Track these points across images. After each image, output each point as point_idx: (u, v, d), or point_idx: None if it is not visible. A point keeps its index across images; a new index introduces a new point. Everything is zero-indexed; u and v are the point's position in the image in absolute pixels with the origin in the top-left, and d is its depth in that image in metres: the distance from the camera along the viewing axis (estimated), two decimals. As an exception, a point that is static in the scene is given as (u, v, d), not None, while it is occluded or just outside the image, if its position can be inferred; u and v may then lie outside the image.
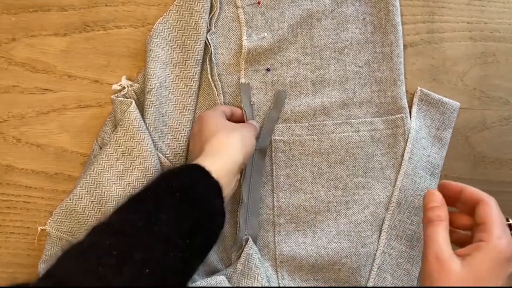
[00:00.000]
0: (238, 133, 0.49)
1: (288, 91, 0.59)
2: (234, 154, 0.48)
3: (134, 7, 0.59)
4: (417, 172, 0.58)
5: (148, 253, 0.39)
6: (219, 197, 0.45)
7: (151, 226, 0.40)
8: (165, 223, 0.41)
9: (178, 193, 0.43)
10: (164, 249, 0.40)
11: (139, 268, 0.38)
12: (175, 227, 0.41)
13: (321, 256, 0.57)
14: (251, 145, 0.51)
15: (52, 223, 0.55)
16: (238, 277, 0.55)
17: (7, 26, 0.59)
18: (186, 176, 0.44)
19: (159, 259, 0.39)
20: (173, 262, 0.40)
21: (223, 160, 0.47)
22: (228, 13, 0.59)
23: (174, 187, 0.43)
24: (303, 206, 0.58)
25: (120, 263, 0.37)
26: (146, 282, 0.38)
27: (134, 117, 0.55)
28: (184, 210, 0.42)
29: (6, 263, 0.58)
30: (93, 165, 0.55)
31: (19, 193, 0.58)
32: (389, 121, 0.59)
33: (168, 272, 0.40)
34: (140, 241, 0.39)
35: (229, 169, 0.47)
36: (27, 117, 0.59)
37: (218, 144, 0.48)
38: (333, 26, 0.59)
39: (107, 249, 0.38)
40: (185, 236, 0.41)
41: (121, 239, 0.39)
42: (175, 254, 0.40)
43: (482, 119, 0.61)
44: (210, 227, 0.44)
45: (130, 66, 0.59)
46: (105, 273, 0.36)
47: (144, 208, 0.42)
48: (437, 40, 0.61)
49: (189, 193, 0.43)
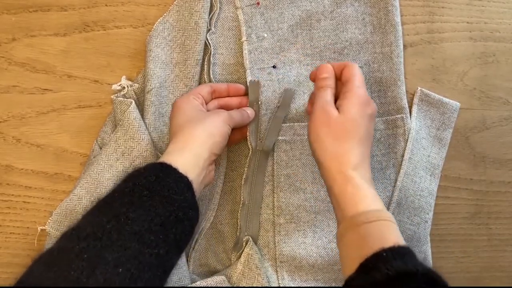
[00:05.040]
0: (202, 126, 0.49)
1: (293, 90, 0.58)
2: (198, 148, 0.48)
3: (134, 7, 0.59)
4: (417, 172, 0.58)
5: (120, 253, 0.39)
6: (189, 191, 0.45)
7: (121, 226, 0.40)
8: (136, 221, 0.41)
9: (146, 191, 0.43)
10: (137, 247, 0.40)
11: (112, 268, 0.38)
12: (146, 225, 0.41)
13: (321, 256, 0.57)
14: (219, 134, 0.50)
15: (52, 223, 0.55)
16: (238, 277, 0.55)
17: (7, 26, 0.59)
18: (153, 174, 0.44)
19: (133, 257, 0.39)
20: (148, 259, 0.40)
21: (188, 155, 0.47)
22: (228, 13, 0.59)
23: (141, 185, 0.43)
24: (303, 206, 0.58)
25: (92, 265, 0.37)
26: (121, 282, 0.38)
27: (134, 117, 0.55)
28: (154, 207, 0.42)
29: (6, 263, 0.58)
30: (93, 165, 0.55)
31: (18, 193, 0.58)
32: (389, 121, 0.59)
33: (143, 269, 0.40)
34: (111, 242, 0.39)
35: (194, 163, 0.47)
36: (27, 117, 0.59)
37: (183, 139, 0.48)
38: (332, 26, 0.59)
39: (77, 253, 0.38)
40: (157, 232, 0.41)
41: (92, 243, 0.39)
42: (149, 251, 0.40)
43: (482, 119, 0.61)
44: (183, 221, 0.44)
45: (130, 66, 0.59)
46: (77, 277, 0.36)
47: (113, 209, 0.42)
48: (437, 40, 0.61)
49: (157, 189, 0.43)
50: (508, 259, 0.62)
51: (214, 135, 0.49)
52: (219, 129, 0.50)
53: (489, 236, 0.62)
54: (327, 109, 0.48)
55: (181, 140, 0.48)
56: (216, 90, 0.56)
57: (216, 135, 0.50)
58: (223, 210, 0.59)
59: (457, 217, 0.61)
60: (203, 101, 0.54)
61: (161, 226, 0.42)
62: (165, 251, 0.42)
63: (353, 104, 0.48)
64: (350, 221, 0.43)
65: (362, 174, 0.46)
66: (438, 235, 0.60)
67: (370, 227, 0.42)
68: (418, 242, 0.57)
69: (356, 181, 0.45)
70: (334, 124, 0.47)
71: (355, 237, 0.42)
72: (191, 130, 0.49)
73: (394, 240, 0.41)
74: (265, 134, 0.57)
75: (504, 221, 0.62)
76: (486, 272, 0.61)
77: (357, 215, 0.43)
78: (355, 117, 0.47)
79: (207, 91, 0.55)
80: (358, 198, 0.44)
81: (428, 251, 0.59)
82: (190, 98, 0.53)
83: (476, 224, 0.61)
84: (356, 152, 0.46)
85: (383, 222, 0.42)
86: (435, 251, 0.59)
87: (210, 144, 0.49)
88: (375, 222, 0.42)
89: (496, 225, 0.62)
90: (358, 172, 0.45)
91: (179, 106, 0.52)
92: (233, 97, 0.57)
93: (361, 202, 0.44)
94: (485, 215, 0.61)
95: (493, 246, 0.62)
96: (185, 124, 0.50)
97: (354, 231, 0.42)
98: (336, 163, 0.46)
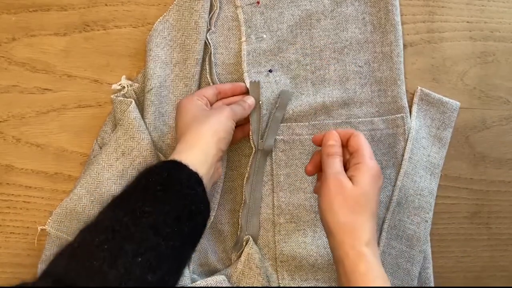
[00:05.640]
0: (207, 124, 0.50)
1: (290, 92, 0.59)
2: (205, 145, 0.49)
3: (134, 7, 0.59)
4: (417, 172, 0.58)
5: (138, 244, 0.40)
6: (200, 186, 0.46)
7: (138, 219, 0.41)
8: (151, 215, 0.42)
9: (159, 186, 0.44)
10: (154, 239, 0.41)
11: (131, 258, 0.39)
12: (161, 218, 0.42)
13: (321, 255, 0.57)
14: (224, 130, 0.51)
15: (52, 223, 0.55)
16: (238, 276, 0.55)
17: (7, 26, 0.59)
18: (165, 170, 0.46)
19: (150, 248, 0.40)
20: (165, 251, 0.41)
21: (197, 152, 0.48)
22: (228, 12, 0.59)
23: (154, 181, 0.45)
24: (303, 206, 0.58)
25: (113, 255, 0.39)
26: (141, 271, 0.39)
27: (134, 117, 0.55)
28: (168, 201, 0.43)
29: (6, 263, 0.58)
30: (93, 165, 0.55)
31: (19, 193, 0.58)
32: (389, 120, 0.59)
33: (161, 259, 0.41)
34: (129, 234, 0.40)
35: (203, 160, 0.48)
36: (27, 117, 0.59)
37: (190, 138, 0.49)
38: (332, 26, 0.59)
39: (98, 245, 0.39)
40: (172, 225, 0.43)
41: (111, 235, 0.40)
42: (165, 243, 0.42)
43: (482, 119, 0.61)
44: (196, 215, 0.45)
45: (130, 66, 0.59)
46: (99, 267, 0.38)
47: (128, 204, 0.43)
48: (437, 40, 0.61)
49: (170, 184, 0.44)
50: (508, 258, 0.62)
51: (219, 131, 0.50)
52: (224, 125, 0.51)
53: (489, 235, 0.62)
54: (340, 179, 0.47)
55: (189, 139, 0.49)
56: (221, 91, 0.56)
57: (221, 131, 0.50)
58: (223, 210, 0.59)
59: (457, 216, 0.61)
60: (207, 102, 0.54)
61: (175, 219, 0.43)
62: (180, 243, 0.43)
63: (366, 177, 0.47)
64: None
65: (373, 251, 0.45)
66: (438, 234, 0.60)
67: None
68: (418, 241, 0.57)
69: (369, 259, 0.44)
70: (348, 196, 0.46)
71: None
72: (198, 128, 0.50)
73: None
74: (266, 133, 0.58)
75: (504, 220, 0.62)
76: (486, 272, 0.61)
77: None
78: (369, 191, 0.47)
79: (212, 93, 0.55)
80: (370, 279, 0.44)
81: (428, 251, 0.59)
82: (194, 99, 0.53)
83: (476, 223, 0.61)
84: (369, 226, 0.46)
85: None
86: (435, 251, 0.59)
87: (217, 141, 0.50)
88: None
89: (496, 225, 0.62)
90: (370, 249, 0.45)
91: (184, 106, 0.52)
92: (236, 96, 0.58)
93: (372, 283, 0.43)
94: (485, 215, 0.61)
95: (493, 245, 0.62)
96: (191, 123, 0.50)
97: None
98: (349, 238, 0.45)
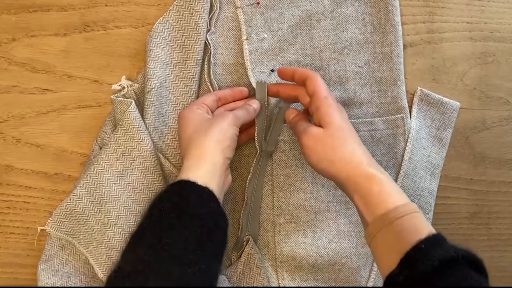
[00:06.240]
0: (210, 135, 0.49)
1: None
2: (211, 157, 0.48)
3: (134, 7, 0.59)
4: (417, 172, 0.58)
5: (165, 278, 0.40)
6: (213, 201, 0.46)
7: (159, 254, 0.42)
8: (171, 245, 0.42)
9: (173, 213, 0.44)
10: (180, 269, 0.41)
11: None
12: (182, 246, 0.42)
13: (321, 256, 0.57)
14: (227, 138, 0.50)
15: (52, 223, 0.55)
16: (238, 276, 0.55)
17: (7, 26, 0.59)
18: (175, 194, 0.46)
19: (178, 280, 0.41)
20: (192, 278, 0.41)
21: (204, 166, 0.48)
22: (228, 13, 0.59)
23: (166, 209, 0.45)
24: (303, 206, 0.58)
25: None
26: None
27: (134, 117, 0.55)
28: (185, 227, 0.43)
29: (6, 263, 0.58)
30: (93, 165, 0.55)
31: (18, 193, 0.58)
32: (389, 121, 0.59)
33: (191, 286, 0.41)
34: (154, 272, 0.40)
35: (212, 172, 0.48)
36: (27, 117, 0.59)
37: (195, 152, 0.49)
38: (332, 26, 0.59)
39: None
40: (195, 250, 0.43)
41: (135, 277, 0.40)
42: (192, 270, 0.42)
43: (482, 119, 0.61)
44: (215, 231, 0.45)
45: (130, 66, 0.59)
46: None
47: (146, 240, 0.43)
48: (437, 40, 0.61)
49: (183, 209, 0.44)
50: (508, 259, 0.62)
51: (223, 140, 0.50)
52: (227, 133, 0.50)
53: (489, 236, 0.62)
54: (310, 131, 0.49)
55: (194, 153, 0.49)
56: (221, 98, 0.56)
57: (225, 140, 0.50)
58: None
59: (457, 217, 0.61)
60: (208, 110, 0.54)
61: (196, 243, 0.43)
62: (206, 265, 0.43)
63: (330, 115, 0.48)
64: (381, 219, 0.43)
65: (378, 168, 0.46)
66: (438, 235, 0.60)
67: (402, 222, 0.42)
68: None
69: (379, 178, 0.45)
70: (325, 139, 0.48)
71: (390, 234, 0.43)
72: (201, 141, 0.49)
73: (427, 230, 0.42)
74: (270, 134, 0.57)
75: (504, 221, 0.62)
76: (486, 272, 0.61)
77: (388, 212, 0.43)
78: (340, 125, 0.48)
79: (212, 100, 0.55)
80: (386, 195, 0.44)
81: (428, 251, 0.59)
82: (194, 108, 0.52)
83: (476, 224, 0.61)
84: (361, 151, 0.48)
85: (413, 214, 0.43)
86: (435, 251, 0.59)
87: (222, 150, 0.49)
88: (406, 216, 0.42)
89: (496, 225, 0.62)
90: (375, 168, 0.46)
91: (185, 117, 0.52)
92: (238, 101, 0.57)
93: (389, 198, 0.44)
94: (485, 215, 0.61)
95: (493, 246, 0.62)
96: (193, 136, 0.50)
97: (388, 229, 0.43)
98: (350, 168, 0.46)
